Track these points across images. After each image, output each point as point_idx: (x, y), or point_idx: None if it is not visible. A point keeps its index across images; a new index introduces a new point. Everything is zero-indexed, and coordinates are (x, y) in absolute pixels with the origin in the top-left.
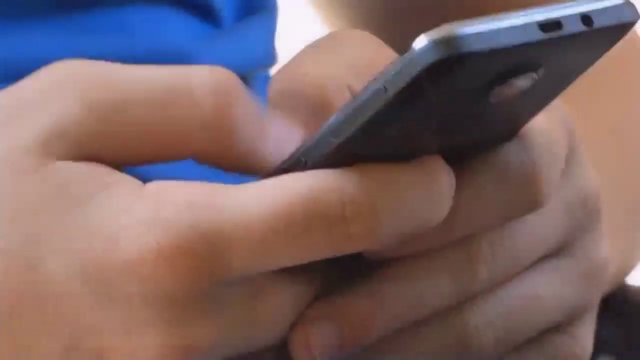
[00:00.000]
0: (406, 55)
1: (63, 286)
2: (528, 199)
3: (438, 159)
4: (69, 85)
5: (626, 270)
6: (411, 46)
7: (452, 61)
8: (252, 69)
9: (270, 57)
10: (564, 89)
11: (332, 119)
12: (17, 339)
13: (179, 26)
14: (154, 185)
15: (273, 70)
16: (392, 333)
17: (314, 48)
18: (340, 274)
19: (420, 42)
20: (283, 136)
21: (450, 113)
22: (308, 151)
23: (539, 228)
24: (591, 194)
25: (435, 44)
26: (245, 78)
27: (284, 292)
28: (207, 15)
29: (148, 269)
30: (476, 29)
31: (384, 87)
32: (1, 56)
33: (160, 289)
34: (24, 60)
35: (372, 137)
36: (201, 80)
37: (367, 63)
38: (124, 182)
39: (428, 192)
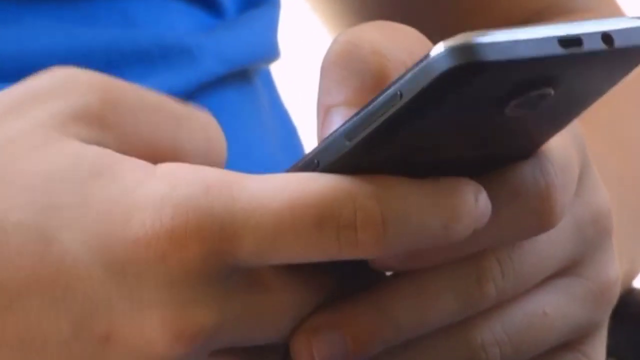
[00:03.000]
0: (422, 61)
1: (76, 261)
2: (540, 219)
3: (461, 181)
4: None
5: (632, 276)
6: (428, 53)
7: (467, 69)
8: (254, 63)
9: (272, 52)
10: (582, 111)
11: (347, 122)
12: (27, 318)
13: (181, 18)
14: (166, 165)
15: (275, 66)
16: (397, 346)
17: (377, 24)
18: (347, 284)
19: (437, 49)
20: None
21: (465, 124)
22: (321, 153)
23: (549, 246)
24: (602, 211)
25: (452, 51)
26: (247, 71)
27: (290, 291)
28: (210, 7)
29: (160, 248)
30: (494, 39)
31: (399, 93)
32: (3, 48)
33: (171, 270)
34: (26, 51)
35: (385, 144)
36: None
37: (423, 52)
38: (136, 161)
39: (441, 210)
